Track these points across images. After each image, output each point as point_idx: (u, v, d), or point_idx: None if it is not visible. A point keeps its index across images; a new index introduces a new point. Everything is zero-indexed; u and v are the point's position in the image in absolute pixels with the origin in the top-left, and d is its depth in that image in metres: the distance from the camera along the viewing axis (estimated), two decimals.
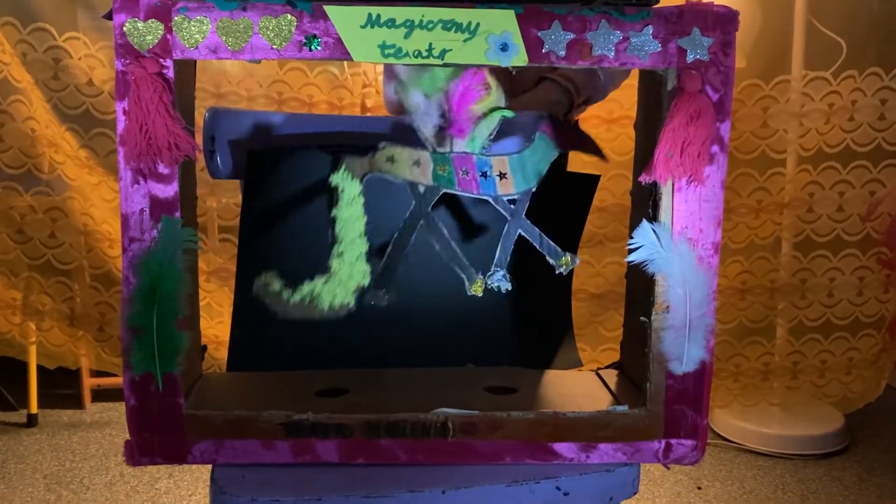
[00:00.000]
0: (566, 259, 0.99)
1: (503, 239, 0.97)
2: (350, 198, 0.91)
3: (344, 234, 0.91)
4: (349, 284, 0.92)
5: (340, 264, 0.92)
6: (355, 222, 0.91)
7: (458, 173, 0.95)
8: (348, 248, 0.92)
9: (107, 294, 2.27)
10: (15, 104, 2.10)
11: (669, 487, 2.18)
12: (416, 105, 0.93)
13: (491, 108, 0.94)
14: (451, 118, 0.93)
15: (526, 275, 1.06)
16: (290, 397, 0.98)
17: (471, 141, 0.94)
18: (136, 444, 0.92)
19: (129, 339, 0.89)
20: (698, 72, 0.86)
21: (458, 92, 0.92)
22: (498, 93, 0.94)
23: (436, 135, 0.94)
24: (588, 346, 2.28)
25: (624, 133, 2.19)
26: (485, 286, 0.96)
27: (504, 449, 0.94)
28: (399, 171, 0.93)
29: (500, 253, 0.97)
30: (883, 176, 2.21)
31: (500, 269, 0.97)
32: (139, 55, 0.83)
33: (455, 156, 0.94)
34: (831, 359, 2.38)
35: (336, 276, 0.92)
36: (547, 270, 1.14)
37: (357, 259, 0.92)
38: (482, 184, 0.95)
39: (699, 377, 0.93)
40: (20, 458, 2.32)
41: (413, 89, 0.92)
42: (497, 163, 0.95)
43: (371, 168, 0.92)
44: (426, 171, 0.94)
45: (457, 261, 0.96)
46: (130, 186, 0.86)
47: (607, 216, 2.21)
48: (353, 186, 0.92)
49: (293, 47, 0.84)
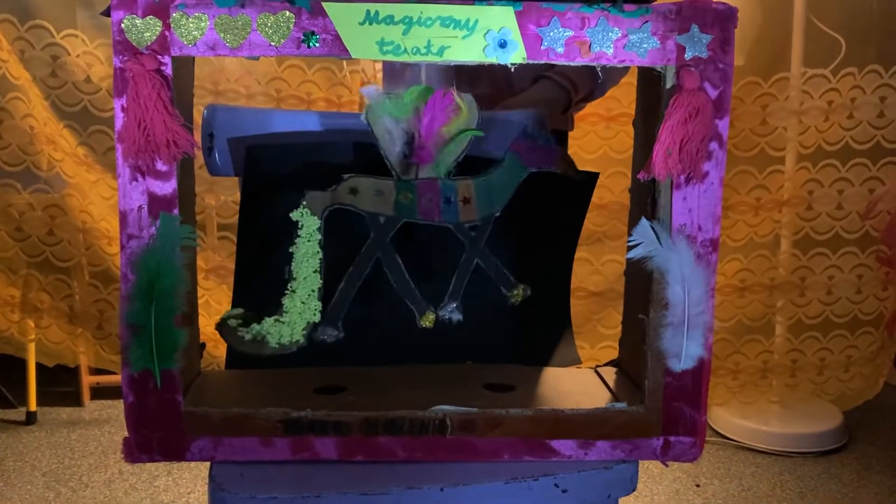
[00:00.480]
0: (518, 291, 1.02)
1: (459, 269, 0.99)
2: (308, 234, 0.93)
3: (298, 272, 0.94)
4: (299, 322, 0.95)
5: (292, 302, 0.94)
6: (311, 259, 0.93)
7: (421, 201, 0.95)
8: (301, 286, 0.94)
9: (105, 291, 2.27)
10: (13, 101, 2.10)
11: (668, 485, 2.18)
12: (384, 132, 0.93)
13: (460, 130, 0.94)
14: (418, 144, 0.93)
15: (524, 272, 1.06)
16: (289, 395, 0.98)
17: (436, 166, 0.95)
18: (135, 441, 0.91)
19: (128, 336, 0.89)
20: (697, 69, 0.86)
21: (428, 115, 0.93)
22: (470, 113, 0.94)
23: (401, 162, 0.94)
24: (587, 343, 2.28)
25: (622, 131, 2.19)
26: (436, 318, 0.99)
27: (502, 446, 0.94)
28: (361, 203, 0.95)
29: (454, 284, 1.00)
30: (882, 174, 2.21)
31: (453, 301, 1.00)
32: (137, 52, 0.83)
33: (419, 182, 0.95)
34: (830, 356, 2.38)
35: (288, 314, 0.94)
36: (545, 268, 1.14)
37: (309, 296, 0.94)
38: (444, 210, 0.96)
39: (698, 374, 0.92)
40: (19, 455, 2.32)
41: (382, 115, 0.92)
42: (462, 187, 0.96)
43: (333, 202, 0.94)
44: (388, 200, 0.95)
45: (409, 294, 0.98)
46: (129, 183, 0.86)
47: (606, 214, 2.21)
48: (312, 222, 0.93)
49: (291, 44, 0.84)
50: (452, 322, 0.99)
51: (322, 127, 1.13)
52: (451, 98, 0.92)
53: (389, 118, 0.93)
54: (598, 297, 2.30)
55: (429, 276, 1.00)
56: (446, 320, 0.99)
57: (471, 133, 0.94)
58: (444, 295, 0.99)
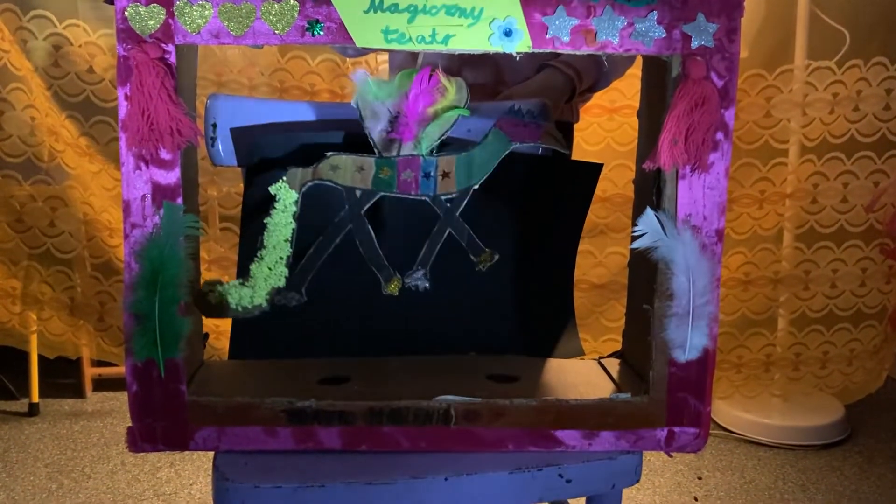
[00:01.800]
0: (486, 255, 1.00)
1: (431, 237, 0.99)
2: (283, 206, 0.93)
3: (269, 240, 0.93)
4: (264, 287, 0.94)
5: (259, 268, 0.94)
6: (283, 228, 0.93)
7: (401, 176, 0.95)
8: (270, 253, 0.94)
9: (107, 283, 2.26)
10: (15, 92, 2.09)
11: (670, 477, 2.18)
12: (369, 112, 0.93)
13: (447, 108, 0.94)
14: (401, 122, 0.93)
15: (527, 263, 1.06)
16: (293, 385, 0.98)
17: (417, 143, 0.94)
18: (139, 430, 0.91)
19: (132, 325, 0.89)
20: (703, 58, 0.85)
21: (412, 94, 0.92)
22: (458, 94, 0.93)
23: (383, 139, 0.95)
24: (590, 336, 2.28)
25: (626, 123, 2.18)
26: (402, 285, 0.98)
27: (507, 436, 0.93)
28: (340, 178, 0.95)
29: (424, 251, 0.99)
30: (887, 167, 2.20)
31: (420, 269, 0.99)
32: (141, 40, 0.83)
33: (400, 159, 0.95)
34: (833, 350, 2.37)
35: (253, 278, 0.94)
36: (549, 259, 1.14)
37: (276, 263, 0.94)
38: (422, 185, 0.96)
39: (702, 365, 0.92)
40: (22, 447, 2.32)
41: (368, 96, 0.92)
42: (443, 162, 0.96)
43: (313, 177, 0.94)
44: (367, 176, 0.95)
45: (375, 261, 0.98)
46: (132, 172, 0.86)
47: (609, 206, 2.21)
48: (290, 196, 0.93)
49: (296, 32, 0.84)
50: (419, 290, 0.98)
51: (325, 117, 1.13)
52: (437, 79, 0.92)
53: (375, 100, 0.93)
54: (601, 289, 2.29)
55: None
56: (412, 287, 0.98)
57: (457, 112, 0.93)
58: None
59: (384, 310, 1.03)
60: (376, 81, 0.92)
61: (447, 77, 0.93)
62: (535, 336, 1.16)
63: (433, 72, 0.92)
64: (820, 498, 2.08)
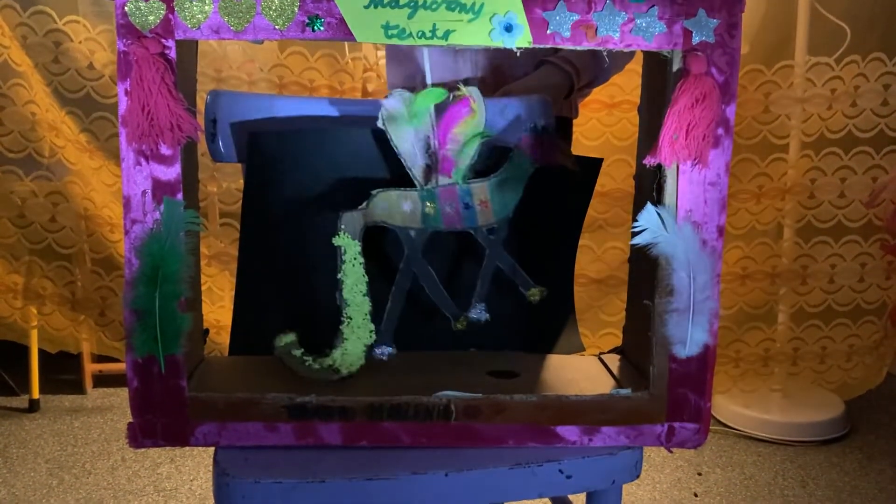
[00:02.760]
0: (536, 291, 1.05)
1: (482, 272, 1.03)
2: (352, 258, 0.96)
3: (350, 298, 0.97)
4: (359, 347, 0.99)
5: (350, 330, 0.98)
6: (358, 283, 0.97)
7: (445, 210, 0.99)
8: (355, 313, 0.98)
9: (108, 278, 2.27)
10: (15, 88, 2.09)
11: (670, 473, 2.19)
12: (406, 147, 0.96)
13: (473, 134, 0.96)
14: (437, 154, 0.97)
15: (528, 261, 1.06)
16: (293, 381, 0.98)
17: (455, 172, 0.98)
18: (139, 426, 0.91)
19: (132, 321, 0.89)
20: (704, 54, 0.85)
21: (442, 119, 0.95)
22: (480, 113, 0.95)
23: (424, 172, 0.98)
24: (588, 330, 2.28)
25: (625, 118, 2.18)
26: (467, 321, 1.03)
27: (507, 432, 0.93)
28: (392, 219, 0.98)
29: (479, 286, 1.04)
30: (886, 162, 2.21)
31: (480, 303, 1.03)
32: (141, 35, 0.83)
33: (440, 189, 0.98)
34: (832, 345, 2.38)
35: (347, 341, 0.98)
36: (549, 256, 1.14)
37: (364, 320, 0.98)
38: (465, 217, 1.00)
39: (702, 360, 0.92)
40: (22, 442, 2.32)
41: (402, 126, 0.95)
42: (478, 190, 0.99)
43: (366, 220, 0.97)
44: (416, 213, 0.99)
45: (444, 303, 1.03)
46: (132, 168, 0.86)
47: (608, 201, 2.21)
48: (354, 247, 0.96)
49: (296, 28, 0.84)
50: (481, 322, 1.03)
51: (325, 113, 1.13)
52: (467, 102, 0.95)
53: (408, 128, 0.96)
54: (599, 284, 2.30)
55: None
56: (474, 321, 1.03)
57: (481, 136, 0.97)
58: (471, 298, 1.04)
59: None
60: (408, 105, 0.94)
61: (471, 96, 0.95)
62: (535, 332, 1.16)
63: (457, 95, 0.95)
64: (819, 494, 2.08)
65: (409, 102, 0.94)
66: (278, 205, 1.08)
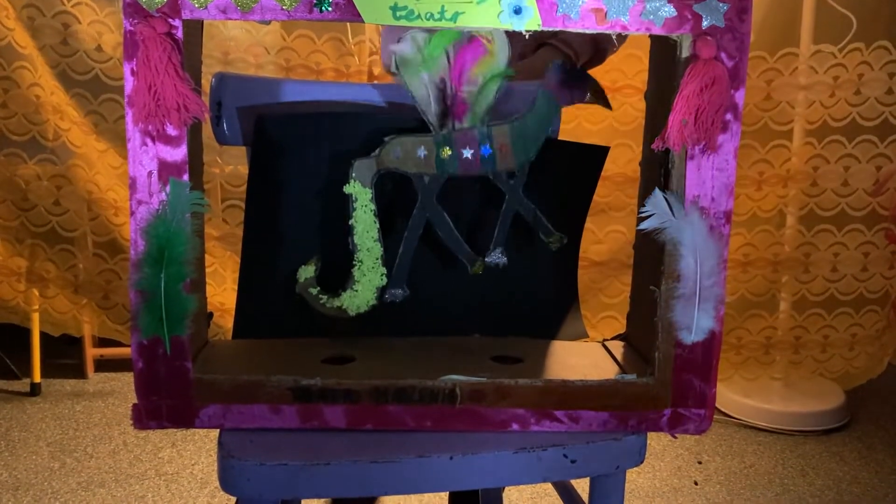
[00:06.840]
0: (555, 238, 1.04)
1: (501, 216, 1.02)
2: (363, 204, 0.97)
3: (361, 243, 0.98)
4: (370, 289, 1.00)
5: (361, 273, 1.00)
6: (370, 229, 0.98)
7: (461, 154, 0.98)
8: (366, 257, 0.99)
9: (111, 262, 2.26)
10: (19, 70, 2.09)
11: (670, 461, 2.19)
12: (420, 92, 0.95)
13: (493, 74, 0.94)
14: (453, 97, 0.95)
15: (532, 245, 1.06)
16: (297, 364, 0.98)
17: (472, 116, 0.96)
18: (144, 408, 0.91)
19: (138, 302, 0.88)
20: (713, 38, 0.85)
21: (457, 61, 0.93)
22: (501, 53, 0.94)
23: (439, 117, 0.96)
24: (589, 312, 2.27)
25: (627, 102, 2.17)
26: (484, 265, 1.03)
27: (512, 416, 0.94)
28: (405, 165, 0.98)
29: (498, 231, 1.03)
30: (890, 151, 2.20)
31: (498, 247, 1.03)
32: (148, 15, 0.82)
33: (457, 135, 0.97)
34: (834, 334, 2.37)
35: (359, 283, 1.00)
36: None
37: (375, 264, 0.99)
38: (482, 161, 0.99)
39: (708, 347, 0.92)
40: (24, 426, 2.32)
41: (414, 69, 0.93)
42: (498, 133, 0.98)
43: (378, 167, 0.97)
44: (430, 158, 0.98)
45: (460, 249, 1.03)
46: (139, 148, 0.85)
47: (610, 185, 2.20)
48: (365, 194, 0.97)
49: (303, 8, 0.83)
50: (499, 267, 1.03)
51: (330, 97, 1.13)
52: (478, 41, 0.92)
53: (423, 71, 0.94)
54: (600, 266, 2.29)
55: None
56: (492, 265, 1.03)
57: (502, 75, 0.95)
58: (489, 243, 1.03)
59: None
60: (422, 48, 0.93)
61: (487, 37, 0.93)
62: (539, 318, 1.16)
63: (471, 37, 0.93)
64: (819, 483, 2.09)
65: (422, 45, 0.93)
66: (283, 188, 1.07)
